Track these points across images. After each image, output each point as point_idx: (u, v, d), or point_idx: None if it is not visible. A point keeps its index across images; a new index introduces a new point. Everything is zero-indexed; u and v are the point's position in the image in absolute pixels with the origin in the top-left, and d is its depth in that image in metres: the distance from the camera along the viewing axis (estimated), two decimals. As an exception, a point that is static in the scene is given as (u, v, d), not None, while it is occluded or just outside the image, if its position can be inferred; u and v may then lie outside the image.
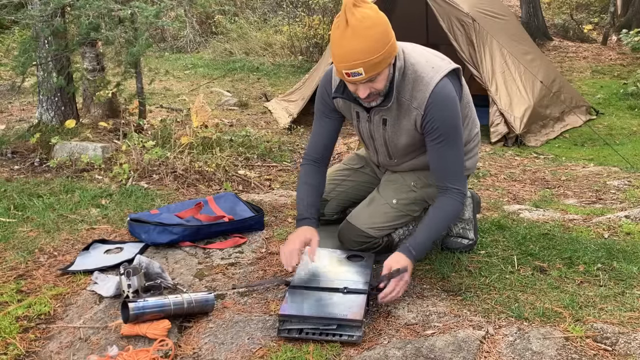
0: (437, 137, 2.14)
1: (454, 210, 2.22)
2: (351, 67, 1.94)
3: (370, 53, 1.92)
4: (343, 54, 1.94)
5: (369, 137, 2.35)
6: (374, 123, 2.26)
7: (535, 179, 4.38)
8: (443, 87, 2.10)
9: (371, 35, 1.91)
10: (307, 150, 2.43)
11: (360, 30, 1.90)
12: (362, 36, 1.90)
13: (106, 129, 4.48)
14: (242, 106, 7.16)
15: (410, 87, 2.11)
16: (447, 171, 2.19)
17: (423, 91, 2.10)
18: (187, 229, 2.68)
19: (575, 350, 1.83)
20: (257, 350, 1.89)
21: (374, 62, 1.93)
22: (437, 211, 2.21)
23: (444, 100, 2.11)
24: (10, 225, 2.93)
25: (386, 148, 2.34)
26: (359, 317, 1.93)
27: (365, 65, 1.93)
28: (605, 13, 12.34)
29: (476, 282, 2.30)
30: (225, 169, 3.97)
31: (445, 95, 2.11)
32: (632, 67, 9.17)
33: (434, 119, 2.11)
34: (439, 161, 2.19)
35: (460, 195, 2.20)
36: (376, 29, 1.92)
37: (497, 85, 5.79)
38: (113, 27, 4.09)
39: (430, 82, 2.09)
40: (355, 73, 1.95)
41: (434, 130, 2.13)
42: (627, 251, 2.57)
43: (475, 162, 2.49)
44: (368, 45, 1.91)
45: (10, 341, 1.96)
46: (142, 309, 1.95)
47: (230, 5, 11.90)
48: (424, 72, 2.11)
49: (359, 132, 2.39)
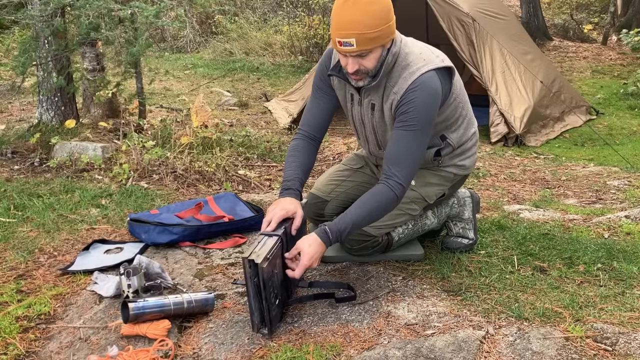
0: (404, 121, 2.11)
1: (388, 202, 2.12)
2: (344, 35, 1.97)
3: (365, 26, 1.95)
4: (339, 21, 1.98)
5: (360, 122, 2.34)
6: (363, 106, 2.26)
7: (535, 179, 4.38)
8: (427, 78, 2.10)
9: (370, 10, 1.95)
10: (301, 125, 2.39)
11: (360, 4, 1.95)
12: (361, 9, 1.95)
13: (106, 129, 4.48)
14: (242, 106, 7.17)
15: (397, 74, 2.13)
16: (398, 158, 2.12)
17: (407, 79, 2.10)
18: (187, 229, 2.68)
19: (575, 350, 1.83)
20: (257, 350, 1.89)
21: (367, 37, 1.96)
22: (371, 198, 2.13)
23: (423, 90, 2.09)
24: (10, 225, 2.94)
25: (375, 136, 2.33)
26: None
27: (358, 37, 1.96)
28: (605, 13, 12.34)
29: (476, 282, 2.30)
30: (225, 169, 3.97)
31: (426, 85, 2.09)
32: (632, 67, 9.17)
33: (406, 103, 2.10)
34: (394, 145, 2.14)
35: (400, 188, 2.10)
36: (376, 6, 1.97)
37: (497, 85, 5.79)
38: (113, 27, 4.09)
39: (417, 72, 2.10)
40: (347, 43, 1.98)
41: (404, 113, 2.11)
42: (627, 251, 2.57)
43: (474, 161, 2.49)
44: (365, 18, 1.95)
45: (10, 341, 1.96)
46: (142, 309, 1.95)
47: (230, 5, 11.90)
48: (413, 62, 2.12)
49: (351, 119, 2.38)
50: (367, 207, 2.12)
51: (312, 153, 2.35)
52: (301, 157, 2.31)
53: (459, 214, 2.59)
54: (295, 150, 2.33)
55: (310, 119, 2.37)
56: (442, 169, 2.40)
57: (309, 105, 2.40)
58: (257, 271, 1.84)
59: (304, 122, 2.38)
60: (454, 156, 2.39)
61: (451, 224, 2.61)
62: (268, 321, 1.92)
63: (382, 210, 2.15)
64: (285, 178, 2.26)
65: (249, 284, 1.87)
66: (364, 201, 2.13)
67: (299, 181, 2.25)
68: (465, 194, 2.62)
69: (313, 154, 2.36)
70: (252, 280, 1.86)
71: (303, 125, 2.38)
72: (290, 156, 2.32)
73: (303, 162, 2.30)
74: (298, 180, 2.24)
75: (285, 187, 2.22)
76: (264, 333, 1.94)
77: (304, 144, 2.34)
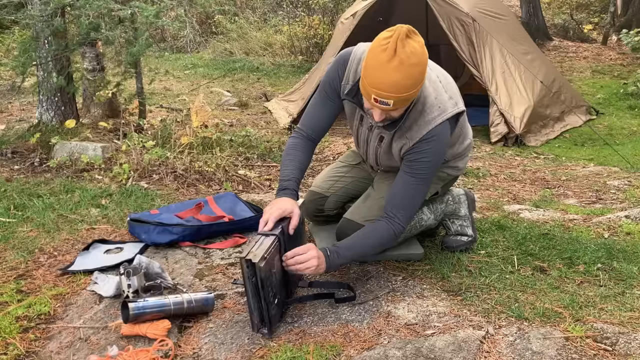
0: (410, 167, 2.15)
1: (387, 240, 2.18)
2: (384, 96, 1.93)
3: (405, 89, 1.92)
4: (381, 81, 1.91)
5: (364, 143, 2.37)
6: (373, 134, 2.29)
7: (535, 179, 4.38)
8: (441, 130, 2.12)
9: (412, 73, 1.91)
10: (301, 124, 2.36)
11: (405, 66, 1.89)
12: (404, 72, 1.89)
13: (106, 129, 4.48)
14: (242, 106, 7.16)
15: (413, 118, 2.12)
16: (402, 203, 2.17)
17: (422, 127, 2.11)
18: (187, 229, 2.68)
19: (575, 350, 1.83)
20: (257, 350, 1.88)
21: (404, 98, 1.95)
22: (372, 233, 2.18)
23: (436, 142, 2.12)
24: (10, 225, 2.93)
25: (375, 158, 2.37)
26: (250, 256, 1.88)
27: (397, 99, 1.93)
28: (605, 13, 12.34)
29: (476, 282, 2.30)
30: (225, 169, 3.97)
31: (438, 138, 2.12)
32: (632, 67, 9.17)
33: (417, 152, 2.13)
34: (400, 189, 2.17)
35: (400, 230, 2.16)
36: (418, 68, 1.92)
37: (497, 85, 5.79)
38: (113, 27, 4.09)
39: (432, 122, 2.11)
40: (384, 102, 1.95)
41: (414, 162, 2.15)
42: (627, 251, 2.58)
43: (466, 162, 2.54)
44: (407, 82, 1.91)
45: (10, 341, 1.96)
46: (142, 309, 1.95)
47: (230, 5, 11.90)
48: (429, 110, 2.12)
49: (355, 133, 2.39)
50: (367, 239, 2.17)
51: (309, 152, 2.34)
52: (299, 156, 2.29)
53: (455, 211, 2.60)
54: (293, 149, 2.31)
55: (310, 121, 2.35)
56: (437, 170, 2.41)
57: (311, 107, 2.36)
58: (255, 271, 1.84)
59: (304, 123, 2.36)
60: (447, 162, 2.42)
61: (449, 222, 2.61)
62: (267, 320, 1.92)
63: (381, 246, 2.23)
64: (282, 177, 2.25)
65: (247, 284, 1.87)
66: (365, 233, 2.18)
67: (296, 181, 2.24)
68: (459, 191, 2.64)
69: (310, 154, 2.35)
70: (250, 280, 1.86)
71: (303, 125, 2.35)
72: (288, 154, 2.31)
73: (300, 161, 2.29)
74: (295, 180, 2.23)
75: (282, 187, 2.21)
76: (264, 333, 1.94)
77: (303, 143, 2.33)
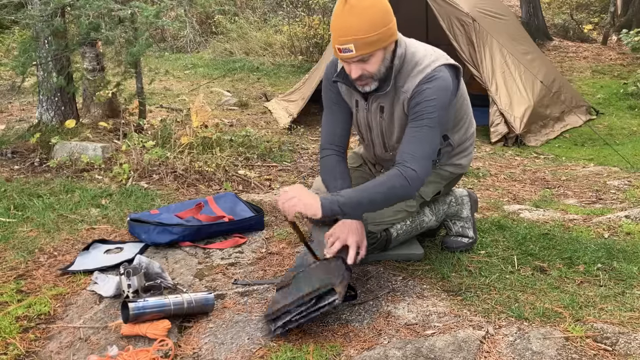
0: (417, 113, 2.09)
1: (400, 186, 2.03)
2: (343, 42, 1.96)
3: (362, 31, 1.94)
4: (337, 29, 1.97)
5: (366, 127, 2.33)
6: (371, 111, 2.26)
7: (535, 179, 4.38)
8: (439, 71, 2.09)
9: (367, 14, 1.94)
10: (323, 141, 2.36)
11: (357, 9, 1.94)
12: (357, 14, 1.93)
13: (106, 129, 4.48)
14: (242, 106, 7.16)
15: (406, 74, 2.12)
16: (411, 147, 2.08)
17: (417, 76, 2.10)
18: (187, 229, 2.68)
19: (575, 350, 1.83)
20: (257, 350, 1.88)
21: (365, 41, 1.95)
22: (381, 179, 2.07)
23: (436, 82, 2.08)
24: (10, 225, 2.93)
25: (382, 138, 2.33)
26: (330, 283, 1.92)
27: (357, 42, 1.95)
28: (605, 13, 12.34)
29: (476, 282, 2.30)
30: (225, 169, 3.97)
31: (438, 78, 2.08)
32: (632, 67, 9.17)
33: (421, 94, 2.08)
34: (408, 138, 2.11)
35: (411, 174, 2.02)
36: (373, 9, 1.95)
37: (497, 85, 5.79)
38: (113, 27, 4.09)
39: (427, 67, 2.10)
40: (346, 49, 1.97)
41: (417, 105, 2.09)
42: (627, 251, 2.57)
43: (470, 160, 2.52)
44: (362, 23, 1.94)
45: (10, 341, 1.96)
46: (142, 309, 1.95)
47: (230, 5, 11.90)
48: (422, 60, 2.11)
49: (356, 124, 2.38)
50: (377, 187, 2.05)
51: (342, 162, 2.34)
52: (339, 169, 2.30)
53: (457, 213, 2.60)
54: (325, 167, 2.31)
55: (331, 131, 2.35)
56: (439, 167, 2.40)
57: (326, 120, 2.37)
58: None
59: (326, 136, 2.36)
60: (452, 155, 2.41)
61: (450, 223, 2.61)
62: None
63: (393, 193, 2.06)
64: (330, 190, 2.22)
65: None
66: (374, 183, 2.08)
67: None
68: (462, 192, 2.63)
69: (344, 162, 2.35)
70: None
71: (326, 139, 2.36)
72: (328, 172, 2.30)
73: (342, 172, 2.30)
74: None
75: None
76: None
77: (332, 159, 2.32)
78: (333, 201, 2.01)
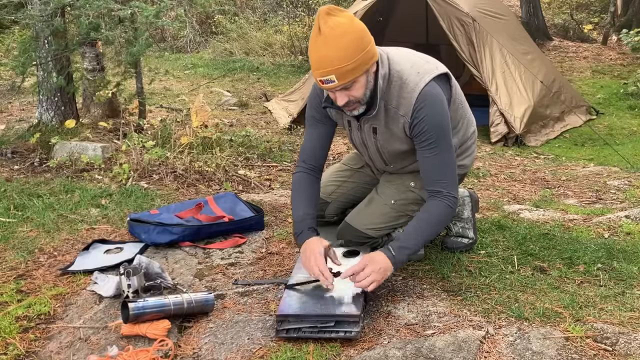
0: (425, 140, 2.12)
1: (446, 216, 2.15)
2: (323, 74, 1.93)
3: (341, 60, 1.90)
4: (316, 61, 1.94)
5: (362, 145, 2.35)
6: (364, 131, 2.26)
7: (535, 179, 4.38)
8: (429, 90, 2.08)
9: (343, 43, 1.90)
10: (301, 157, 2.37)
11: (331, 39, 1.90)
12: (333, 44, 1.90)
13: (106, 129, 4.48)
14: (242, 106, 7.16)
15: (396, 94, 2.10)
16: (438, 175, 2.14)
17: (409, 98, 2.08)
18: (187, 229, 2.68)
19: (575, 350, 1.83)
20: (257, 350, 1.88)
21: (345, 70, 1.92)
22: (428, 215, 2.14)
23: (431, 103, 2.08)
24: (10, 225, 2.93)
25: (380, 155, 2.34)
26: (356, 312, 1.93)
27: (337, 72, 1.92)
28: (605, 13, 12.33)
29: (476, 282, 2.30)
30: (225, 169, 3.97)
31: (432, 98, 2.08)
32: (632, 67, 9.16)
33: (421, 121, 2.09)
34: (428, 165, 2.15)
35: (452, 200, 2.12)
36: (348, 37, 1.91)
37: (497, 85, 5.79)
38: (113, 27, 4.09)
39: (416, 88, 2.08)
40: (327, 80, 1.94)
41: (422, 133, 2.10)
42: (627, 251, 2.57)
43: (472, 160, 2.50)
44: (339, 52, 1.90)
45: (10, 341, 1.96)
46: (142, 309, 1.95)
47: (230, 5, 11.90)
48: (409, 78, 2.09)
49: (351, 141, 2.39)
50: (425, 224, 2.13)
51: (317, 185, 2.35)
52: (306, 191, 2.30)
53: (458, 214, 2.59)
54: (299, 186, 2.32)
55: (308, 150, 2.35)
56: None
57: (308, 137, 2.37)
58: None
59: (304, 154, 2.36)
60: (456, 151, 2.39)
61: (450, 223, 2.61)
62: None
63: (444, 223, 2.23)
64: (296, 220, 2.24)
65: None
66: (421, 219, 2.14)
67: (311, 217, 2.23)
68: (464, 193, 2.62)
69: (316, 185, 2.35)
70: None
71: (302, 158, 2.36)
72: (296, 192, 2.32)
73: (309, 196, 2.30)
74: (309, 217, 2.23)
75: (299, 231, 2.20)
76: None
77: (305, 177, 2.32)
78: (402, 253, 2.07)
